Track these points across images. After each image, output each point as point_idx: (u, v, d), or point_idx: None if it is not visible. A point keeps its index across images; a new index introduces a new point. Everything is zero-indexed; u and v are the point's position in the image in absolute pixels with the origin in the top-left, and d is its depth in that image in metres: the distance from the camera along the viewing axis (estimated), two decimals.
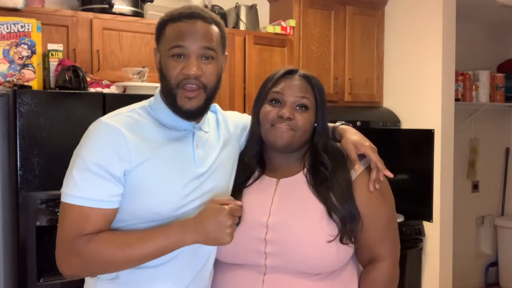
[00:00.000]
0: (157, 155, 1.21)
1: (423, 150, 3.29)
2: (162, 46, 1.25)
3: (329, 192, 1.33)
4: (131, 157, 1.18)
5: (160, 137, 1.25)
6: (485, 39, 4.51)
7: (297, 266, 1.30)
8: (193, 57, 1.21)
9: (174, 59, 1.22)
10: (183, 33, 1.21)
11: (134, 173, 1.18)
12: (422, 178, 3.32)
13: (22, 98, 2.06)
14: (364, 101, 3.57)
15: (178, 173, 1.24)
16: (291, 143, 1.36)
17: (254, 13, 3.20)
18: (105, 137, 1.18)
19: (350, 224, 1.31)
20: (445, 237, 3.32)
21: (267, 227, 1.32)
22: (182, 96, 1.22)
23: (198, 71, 1.21)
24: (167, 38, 1.24)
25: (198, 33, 1.22)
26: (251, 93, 2.98)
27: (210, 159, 1.33)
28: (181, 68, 1.21)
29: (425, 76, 3.36)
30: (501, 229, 4.58)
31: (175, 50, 1.21)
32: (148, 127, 1.25)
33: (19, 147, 2.05)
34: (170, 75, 1.22)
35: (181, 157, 1.26)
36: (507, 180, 4.74)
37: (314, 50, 3.33)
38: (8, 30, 2.26)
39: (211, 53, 1.23)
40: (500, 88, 4.32)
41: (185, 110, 1.23)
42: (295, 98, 1.36)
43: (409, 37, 3.47)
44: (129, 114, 1.25)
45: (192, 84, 1.21)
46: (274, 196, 1.37)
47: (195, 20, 1.23)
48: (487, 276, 4.65)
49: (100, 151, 1.17)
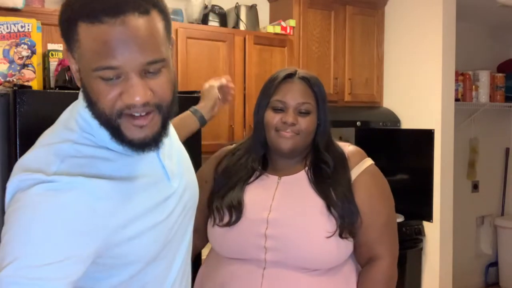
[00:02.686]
0: (132, 202, 0.91)
1: (423, 150, 3.29)
2: (80, 58, 0.84)
3: (330, 189, 1.36)
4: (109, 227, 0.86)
5: (122, 166, 0.92)
6: (485, 39, 4.51)
7: (296, 261, 1.32)
8: (134, 77, 0.82)
9: (104, 81, 0.82)
10: (110, 45, 0.79)
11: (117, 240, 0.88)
12: (422, 178, 3.32)
13: (22, 98, 2.06)
14: (364, 101, 3.57)
15: (156, 205, 0.96)
16: (296, 147, 1.40)
17: (254, 13, 3.20)
18: (64, 217, 0.80)
19: (349, 218, 1.34)
20: (445, 237, 3.32)
21: (268, 223, 1.35)
22: (129, 125, 0.85)
23: (145, 96, 0.83)
24: (85, 49, 0.81)
25: (134, 41, 0.80)
26: (251, 93, 2.98)
27: (175, 161, 1.07)
28: (118, 93, 0.82)
29: (425, 76, 3.36)
30: (501, 229, 4.58)
31: (105, 73, 0.81)
32: (105, 161, 0.90)
33: (19, 147, 2.05)
34: (103, 103, 0.83)
35: (154, 186, 0.98)
36: (507, 180, 4.74)
37: (314, 50, 3.33)
38: (8, 30, 2.26)
39: (159, 65, 0.84)
40: (500, 88, 4.32)
41: (138, 141, 0.88)
42: (297, 103, 1.39)
43: (409, 37, 3.47)
44: (73, 157, 0.87)
45: (140, 112, 0.85)
46: (275, 193, 1.40)
47: (125, 18, 0.79)
48: (487, 276, 4.65)
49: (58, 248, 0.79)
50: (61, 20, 0.85)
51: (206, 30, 2.91)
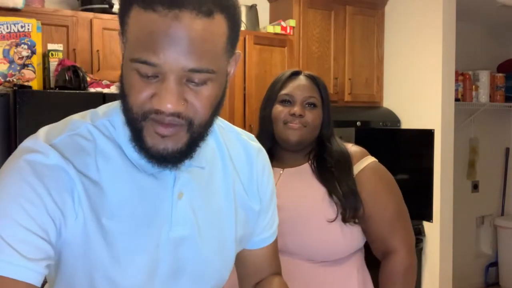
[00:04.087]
0: (116, 210, 0.79)
1: (423, 150, 3.29)
2: (126, 43, 0.75)
3: (333, 178, 1.39)
4: (76, 209, 0.76)
5: (120, 185, 0.80)
6: (485, 39, 4.51)
7: (298, 248, 1.35)
8: (172, 81, 0.71)
9: (139, 76, 0.72)
10: (156, 38, 0.69)
11: (80, 231, 0.77)
12: (422, 178, 3.31)
13: (22, 98, 2.06)
14: (364, 101, 3.57)
15: (142, 242, 0.81)
16: (303, 139, 1.44)
17: (254, 13, 3.20)
18: (40, 174, 0.74)
19: (351, 203, 1.36)
20: (445, 237, 3.32)
21: None
22: (152, 132, 0.74)
23: (178, 106, 0.71)
24: (131, 35, 0.72)
25: (182, 42, 0.69)
26: (251, 93, 2.98)
27: (202, 212, 0.87)
28: (151, 93, 0.72)
29: (425, 76, 3.36)
30: (501, 229, 4.58)
31: (142, 68, 0.71)
32: (104, 160, 0.80)
33: None
34: (133, 99, 0.74)
35: (150, 220, 0.82)
36: (507, 180, 4.74)
37: (314, 50, 3.33)
38: (8, 30, 2.26)
39: (204, 76, 0.72)
40: (500, 88, 4.32)
41: (156, 152, 0.75)
42: (304, 97, 1.45)
43: (409, 37, 3.47)
44: (79, 135, 0.80)
45: (167, 118, 0.73)
46: (277, 182, 1.42)
47: (179, 13, 0.68)
48: (487, 276, 4.65)
49: (27, 198, 0.72)
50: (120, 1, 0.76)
51: None
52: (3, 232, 0.70)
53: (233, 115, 2.92)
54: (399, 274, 1.40)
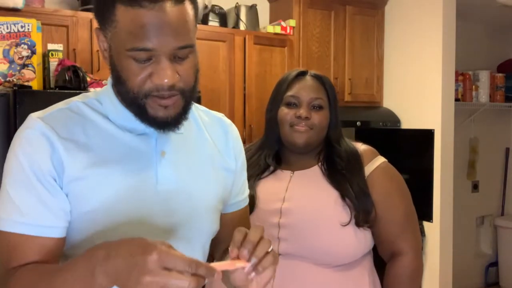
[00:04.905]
0: (102, 170, 0.91)
1: (423, 150, 3.29)
2: (114, 37, 0.88)
3: (344, 181, 1.37)
4: (65, 170, 0.89)
5: (107, 144, 0.93)
6: (485, 39, 4.51)
7: (310, 252, 1.33)
8: (165, 61, 0.86)
9: (136, 62, 0.86)
10: (147, 29, 0.83)
11: (67, 191, 0.90)
12: (422, 178, 3.31)
13: (22, 98, 2.06)
14: (364, 101, 3.57)
15: (132, 195, 0.92)
16: (310, 141, 1.42)
17: (254, 13, 3.20)
18: (32, 140, 0.89)
19: (364, 207, 1.34)
20: (445, 237, 3.32)
21: (281, 213, 1.36)
22: (155, 105, 0.89)
23: (173, 79, 0.87)
24: (121, 29, 0.85)
25: (168, 27, 0.85)
26: (251, 93, 2.98)
27: (184, 167, 0.99)
28: (148, 74, 0.87)
29: (425, 76, 3.36)
30: (501, 229, 4.58)
31: (138, 54, 0.85)
32: (93, 128, 0.94)
33: None
34: (133, 83, 0.88)
35: (137, 173, 0.94)
36: (507, 180, 4.74)
37: (314, 50, 3.33)
38: (8, 30, 2.26)
39: (187, 51, 0.89)
40: (500, 88, 4.32)
41: (161, 120, 0.91)
42: (310, 98, 1.43)
43: (409, 37, 3.47)
44: (68, 109, 0.96)
45: (166, 93, 0.88)
46: (289, 185, 1.41)
47: (162, 4, 0.84)
48: (487, 276, 4.65)
49: (36, 160, 0.88)
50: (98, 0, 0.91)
51: (206, 30, 2.91)
52: (17, 199, 0.87)
53: (233, 115, 2.92)
54: (406, 277, 1.39)
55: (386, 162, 1.46)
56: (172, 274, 0.70)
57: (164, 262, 0.70)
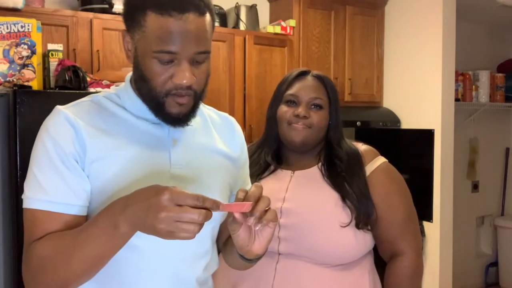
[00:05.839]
0: (120, 152, 1.02)
1: (423, 150, 3.29)
2: (141, 40, 1.00)
3: (344, 183, 1.37)
4: (87, 152, 0.99)
5: (125, 130, 1.05)
6: (485, 39, 4.51)
7: (309, 252, 1.33)
8: (185, 63, 0.99)
9: (160, 63, 0.99)
10: (173, 35, 0.96)
11: (89, 172, 1.00)
12: (422, 178, 3.31)
13: (22, 98, 2.06)
14: (364, 101, 3.57)
15: (148, 176, 1.02)
16: (307, 140, 1.42)
17: (254, 13, 3.20)
18: (57, 125, 1.02)
19: (364, 209, 1.35)
20: (445, 237, 3.32)
21: (281, 213, 1.36)
22: (173, 103, 1.01)
23: (191, 80, 0.99)
24: (150, 33, 0.98)
25: (191, 35, 0.97)
26: (251, 93, 2.98)
27: (194, 154, 1.10)
28: (170, 75, 0.99)
29: (425, 76, 3.36)
30: (501, 229, 4.58)
31: (163, 56, 0.97)
32: (112, 116, 1.06)
33: (19, 148, 2.04)
34: (156, 82, 1.00)
35: (152, 156, 1.05)
36: (507, 180, 4.74)
37: (314, 50, 3.33)
38: (8, 30, 2.26)
39: (204, 56, 1.01)
40: (500, 88, 4.32)
41: (174, 116, 1.03)
42: (310, 98, 1.43)
43: (409, 37, 3.47)
44: (90, 101, 1.08)
45: (183, 91, 1.01)
46: (289, 185, 1.42)
47: (188, 15, 0.97)
48: (487, 276, 4.65)
49: (60, 143, 0.99)
50: (129, 4, 1.04)
51: None
52: (43, 179, 0.97)
53: (233, 115, 2.90)
54: (406, 277, 1.39)
55: (386, 163, 1.46)
56: (183, 208, 0.82)
57: (176, 199, 0.82)
